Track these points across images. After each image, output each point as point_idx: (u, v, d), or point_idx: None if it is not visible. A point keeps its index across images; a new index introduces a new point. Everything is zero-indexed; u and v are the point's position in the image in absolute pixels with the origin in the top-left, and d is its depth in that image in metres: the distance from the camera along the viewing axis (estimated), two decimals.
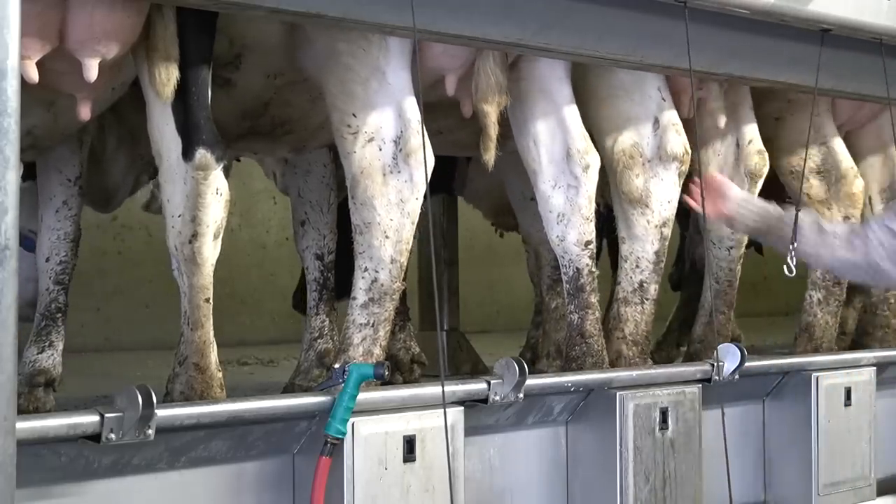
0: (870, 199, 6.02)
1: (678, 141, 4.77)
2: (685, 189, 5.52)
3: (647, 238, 4.77)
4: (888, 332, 5.98)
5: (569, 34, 4.19)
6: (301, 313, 5.89)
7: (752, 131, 5.24)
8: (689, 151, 4.81)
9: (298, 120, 4.54)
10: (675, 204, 4.82)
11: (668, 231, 4.82)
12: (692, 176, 5.26)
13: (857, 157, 6.00)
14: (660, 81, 4.83)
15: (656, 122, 4.78)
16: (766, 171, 5.22)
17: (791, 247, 5.09)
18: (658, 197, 4.77)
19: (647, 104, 4.80)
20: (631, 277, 4.75)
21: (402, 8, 3.57)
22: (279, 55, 4.19)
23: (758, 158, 5.21)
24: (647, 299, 4.78)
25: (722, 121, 5.10)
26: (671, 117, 4.80)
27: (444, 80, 4.27)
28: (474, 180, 6.44)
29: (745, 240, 5.27)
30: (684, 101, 4.93)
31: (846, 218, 5.52)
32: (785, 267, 5.07)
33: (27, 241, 4.55)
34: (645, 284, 4.78)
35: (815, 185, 5.51)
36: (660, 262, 4.81)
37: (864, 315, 6.17)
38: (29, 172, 4.56)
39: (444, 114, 4.58)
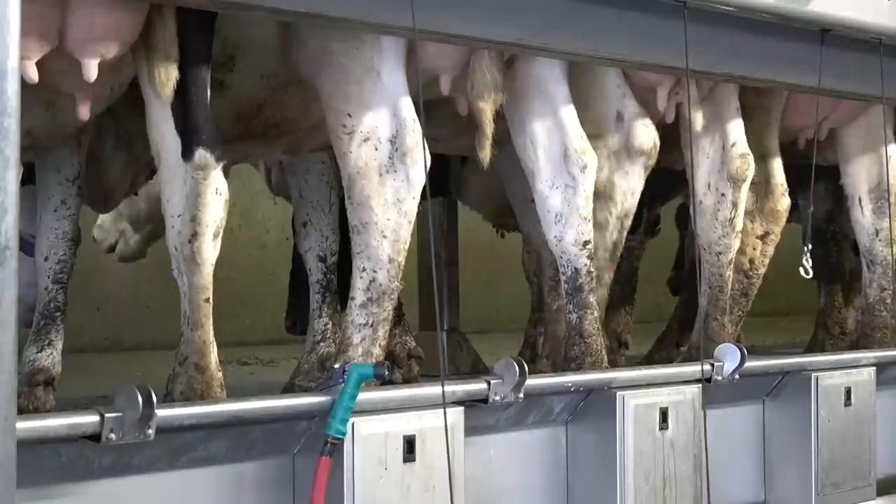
0: (859, 199, 5.99)
1: (647, 134, 4.78)
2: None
3: (607, 227, 4.82)
4: (887, 332, 5.97)
5: (569, 34, 4.19)
6: (294, 335, 5.89)
7: (736, 133, 5.16)
8: (658, 146, 4.81)
9: (293, 121, 4.54)
10: (637, 197, 4.87)
11: (627, 222, 4.89)
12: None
13: (845, 155, 5.98)
14: (619, 78, 4.83)
15: (619, 115, 4.78)
16: (749, 174, 5.13)
17: (805, 248, 5.09)
18: (621, 188, 4.82)
19: (609, 98, 4.79)
20: None
21: (401, 8, 3.57)
22: (273, 56, 4.19)
23: (740, 162, 5.11)
24: (600, 286, 4.83)
25: (699, 122, 5.05)
26: (637, 112, 4.81)
27: (437, 79, 4.27)
28: (471, 182, 6.44)
29: (735, 245, 5.24)
30: (661, 95, 4.91)
31: (766, 234, 5.48)
32: (801, 269, 5.07)
33: (27, 245, 4.54)
34: (600, 272, 4.81)
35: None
36: (616, 251, 4.89)
37: (862, 316, 6.16)
38: (29, 176, 4.57)
39: (438, 122, 4.58)
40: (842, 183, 6.02)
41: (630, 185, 4.84)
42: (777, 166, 5.50)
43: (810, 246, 5.12)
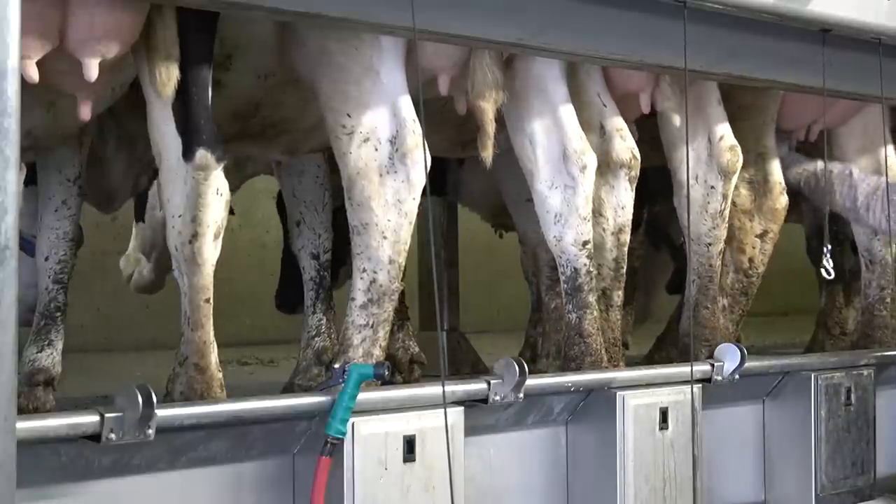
0: None
1: (624, 147, 4.75)
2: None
3: (604, 246, 4.78)
4: (886, 332, 5.97)
5: (569, 34, 4.19)
6: (284, 313, 5.90)
7: (722, 127, 5.18)
8: (637, 156, 4.78)
9: (290, 121, 4.54)
10: (630, 210, 4.82)
11: (624, 237, 4.81)
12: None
13: (842, 155, 5.98)
14: (599, 87, 4.80)
15: (601, 128, 4.77)
16: (739, 166, 5.16)
17: (825, 249, 5.10)
18: (611, 204, 4.78)
19: (590, 110, 4.77)
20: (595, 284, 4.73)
21: (401, 8, 3.57)
22: (270, 55, 4.18)
23: (730, 155, 5.13)
24: (611, 306, 4.80)
25: (676, 120, 5.05)
26: (615, 123, 4.78)
27: (436, 79, 4.26)
28: (468, 183, 6.43)
29: (724, 236, 5.25)
30: (643, 100, 4.90)
31: (765, 233, 5.48)
32: (822, 270, 5.09)
33: (28, 245, 4.54)
34: (608, 291, 4.79)
35: (742, 195, 5.43)
36: (619, 268, 4.81)
37: (862, 316, 6.16)
38: (31, 177, 4.57)
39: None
40: None
41: (619, 200, 4.77)
42: (775, 165, 5.51)
43: (829, 247, 5.13)
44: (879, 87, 5.10)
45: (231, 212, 4.05)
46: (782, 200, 5.49)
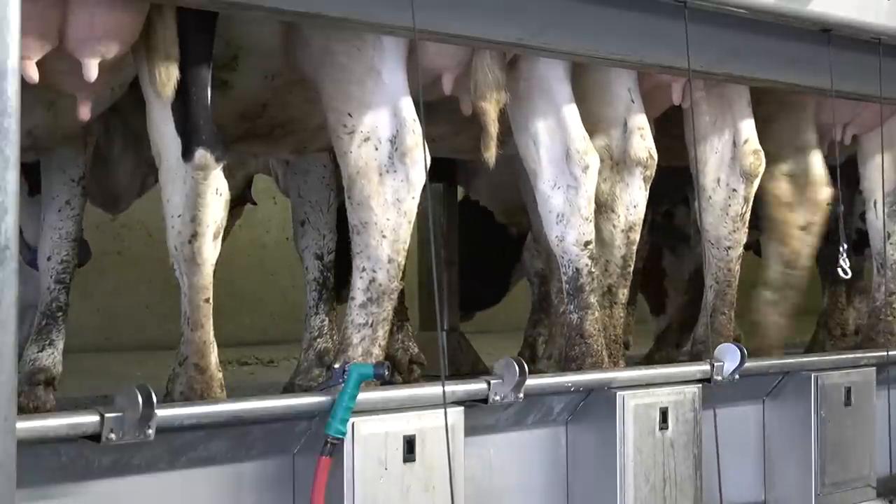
0: (874, 202, 5.99)
1: (642, 146, 4.75)
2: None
3: (613, 243, 4.78)
4: (891, 338, 5.95)
5: (569, 34, 4.19)
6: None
7: (748, 130, 5.17)
8: (655, 157, 4.79)
9: (297, 121, 4.55)
10: (642, 209, 4.82)
11: (634, 236, 4.81)
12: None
13: (864, 159, 5.98)
14: (630, 82, 4.80)
15: (625, 124, 4.77)
16: (761, 171, 5.15)
17: (841, 248, 5.09)
18: (624, 201, 4.78)
19: (616, 105, 4.77)
20: (600, 281, 4.74)
21: (402, 8, 3.57)
22: (276, 56, 4.19)
23: (753, 158, 5.13)
24: (615, 303, 4.80)
25: (701, 117, 5.04)
26: (638, 121, 4.78)
27: (439, 79, 4.27)
28: (481, 177, 6.39)
29: (744, 240, 5.25)
30: (675, 90, 4.90)
31: (808, 225, 5.47)
32: (839, 269, 5.08)
33: (34, 257, 4.54)
34: (613, 289, 4.79)
35: (782, 188, 5.44)
36: (627, 266, 4.82)
37: (868, 319, 6.15)
38: (35, 187, 4.58)
39: (441, 120, 4.57)
40: (861, 187, 6.03)
41: (632, 198, 4.77)
42: (817, 159, 5.49)
43: (846, 246, 5.12)
44: (878, 88, 5.10)
45: (243, 201, 4.00)
46: (825, 192, 5.46)
